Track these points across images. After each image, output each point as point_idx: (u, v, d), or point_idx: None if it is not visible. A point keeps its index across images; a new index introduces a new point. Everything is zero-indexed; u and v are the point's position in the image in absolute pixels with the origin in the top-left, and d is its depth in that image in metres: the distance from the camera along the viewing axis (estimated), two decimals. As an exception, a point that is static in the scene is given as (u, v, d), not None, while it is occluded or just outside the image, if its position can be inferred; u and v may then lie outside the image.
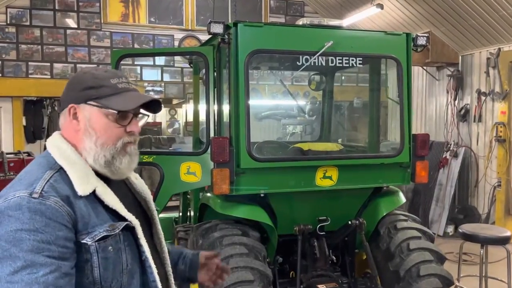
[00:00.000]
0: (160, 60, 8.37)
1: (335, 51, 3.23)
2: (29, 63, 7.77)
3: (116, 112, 1.34)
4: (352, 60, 3.32)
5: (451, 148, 7.51)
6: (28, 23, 7.70)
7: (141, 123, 1.45)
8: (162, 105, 1.51)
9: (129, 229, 1.35)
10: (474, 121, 7.36)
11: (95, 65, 8.05)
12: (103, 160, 1.34)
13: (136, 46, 8.18)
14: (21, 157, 5.26)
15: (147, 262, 1.39)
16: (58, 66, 7.92)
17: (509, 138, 6.77)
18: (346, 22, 6.75)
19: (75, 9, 7.95)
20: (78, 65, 8.00)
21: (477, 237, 4.27)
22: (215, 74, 3.35)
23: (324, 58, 3.24)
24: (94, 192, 1.29)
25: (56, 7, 7.83)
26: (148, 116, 1.50)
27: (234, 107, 3.10)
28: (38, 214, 1.16)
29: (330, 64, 3.27)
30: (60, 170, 1.28)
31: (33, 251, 1.13)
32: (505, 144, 6.81)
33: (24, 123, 8.37)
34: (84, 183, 1.28)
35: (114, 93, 1.35)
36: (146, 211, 1.56)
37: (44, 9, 7.77)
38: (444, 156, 7.49)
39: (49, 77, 7.87)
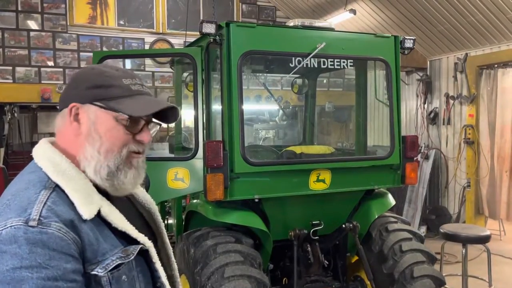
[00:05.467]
0: (130, 64, 8.11)
1: (326, 53, 3.20)
2: (-11, 66, 7.34)
3: (127, 117, 1.15)
4: (343, 62, 3.31)
5: (422, 151, 7.69)
6: (-12, 25, 7.29)
7: (152, 132, 1.25)
8: (180, 113, 1.34)
9: (141, 253, 1.19)
10: (443, 124, 7.59)
11: (61, 69, 7.72)
12: (106, 171, 1.15)
13: (104, 49, 7.89)
14: (-14, 166, 4.90)
15: None
16: (20, 70, 7.52)
17: (477, 140, 7.01)
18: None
19: (39, 10, 7.59)
20: (42, 69, 7.63)
21: (459, 237, 4.36)
22: (203, 76, 3.24)
23: (316, 60, 3.20)
24: (98, 213, 1.12)
25: (19, 8, 7.44)
26: (161, 125, 1.30)
27: (227, 110, 3.00)
28: (40, 246, 0.97)
29: (322, 66, 3.24)
30: (56, 188, 1.08)
31: None
32: (474, 146, 7.04)
33: (-17, 130, 7.89)
34: (88, 203, 1.09)
35: (126, 95, 1.17)
36: (150, 223, 1.41)
37: (6, 10, 7.37)
38: (415, 158, 7.64)
39: (11, 81, 7.46)
